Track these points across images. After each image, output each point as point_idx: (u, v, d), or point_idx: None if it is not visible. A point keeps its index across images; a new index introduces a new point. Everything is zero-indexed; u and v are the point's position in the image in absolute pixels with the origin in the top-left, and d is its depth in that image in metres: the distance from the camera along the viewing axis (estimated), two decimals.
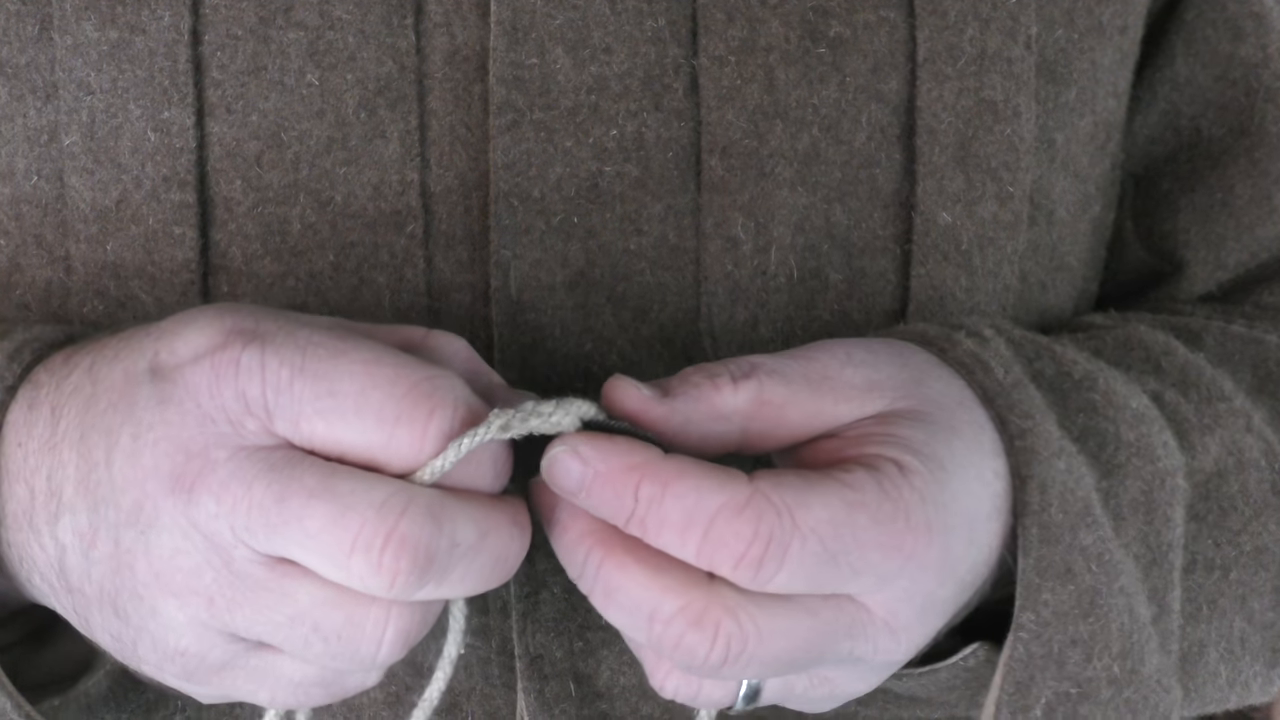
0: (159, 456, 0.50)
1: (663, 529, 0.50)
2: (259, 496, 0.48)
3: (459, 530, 0.49)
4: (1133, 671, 0.56)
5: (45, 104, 0.59)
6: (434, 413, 0.49)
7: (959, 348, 0.57)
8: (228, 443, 0.49)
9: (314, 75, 0.58)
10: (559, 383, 0.60)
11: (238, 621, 0.50)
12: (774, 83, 0.60)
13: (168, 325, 0.52)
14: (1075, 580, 0.54)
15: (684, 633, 0.50)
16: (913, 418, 0.53)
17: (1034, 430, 0.55)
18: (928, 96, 0.62)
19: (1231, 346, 0.68)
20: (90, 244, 0.59)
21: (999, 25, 0.63)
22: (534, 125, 0.59)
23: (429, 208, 0.59)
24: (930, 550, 0.51)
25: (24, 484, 0.53)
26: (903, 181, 0.62)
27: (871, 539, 0.50)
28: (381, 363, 0.49)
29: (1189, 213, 0.75)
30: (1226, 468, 0.63)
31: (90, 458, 0.51)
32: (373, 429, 0.49)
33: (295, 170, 0.59)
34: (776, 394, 0.53)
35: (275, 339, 0.49)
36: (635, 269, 0.60)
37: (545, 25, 0.59)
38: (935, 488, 0.51)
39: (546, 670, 0.62)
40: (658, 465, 0.50)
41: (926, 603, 0.52)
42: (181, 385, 0.50)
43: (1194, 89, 0.74)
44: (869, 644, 0.52)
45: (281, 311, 0.53)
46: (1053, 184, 0.67)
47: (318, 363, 0.49)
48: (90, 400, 0.52)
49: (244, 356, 0.49)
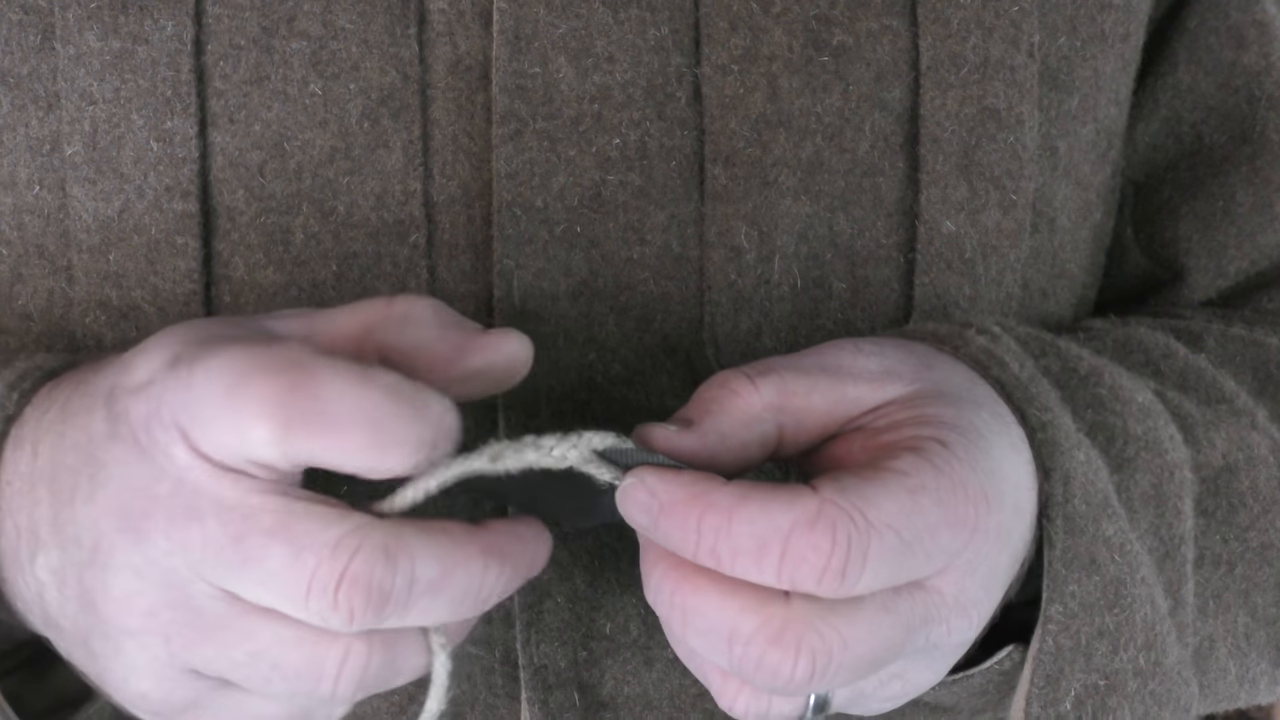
0: (109, 496, 0.49)
1: (737, 557, 0.49)
2: (214, 535, 0.48)
3: (418, 566, 0.48)
4: (1157, 663, 0.56)
5: (47, 114, 0.59)
6: (263, 394, 0.47)
7: (972, 344, 0.57)
8: (167, 475, 0.49)
9: (317, 85, 0.58)
10: (562, 392, 0.60)
11: (197, 660, 0.50)
12: (777, 91, 0.60)
13: (128, 354, 0.52)
14: (1100, 571, 0.54)
15: (765, 651, 0.49)
16: (935, 396, 0.53)
17: (1054, 423, 0.55)
18: (931, 105, 0.62)
19: (1232, 349, 0.68)
20: (92, 254, 0.59)
21: (1002, 33, 0.63)
22: (537, 134, 0.59)
23: (432, 217, 0.59)
24: (990, 517, 0.51)
25: (11, 521, 0.53)
26: (906, 190, 0.62)
27: (940, 519, 0.50)
28: (238, 354, 0.48)
29: (1190, 220, 0.75)
30: (1237, 463, 0.63)
31: (59, 497, 0.51)
32: (229, 427, 0.47)
33: (298, 180, 0.59)
34: (799, 385, 0.53)
35: (184, 360, 0.49)
36: (638, 278, 0.60)
37: (548, 34, 0.59)
38: (981, 457, 0.51)
39: (550, 680, 0.61)
40: (718, 494, 0.49)
41: (990, 573, 0.52)
42: (125, 420, 0.49)
43: (1196, 96, 0.74)
44: (943, 626, 0.52)
45: (228, 322, 0.52)
46: (1055, 191, 0.67)
47: (192, 371, 0.48)
48: (60, 437, 0.52)
49: (152, 379, 0.49)
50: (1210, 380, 0.65)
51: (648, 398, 0.61)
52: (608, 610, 0.61)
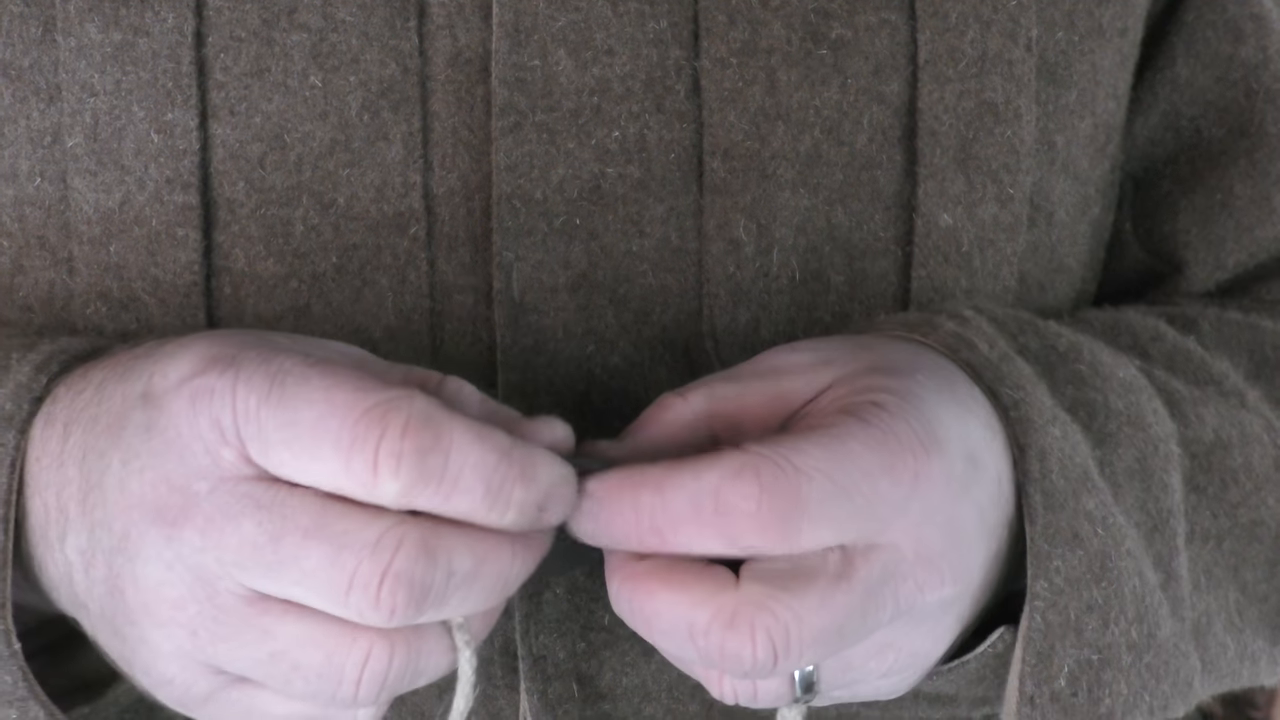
0: (144, 486, 0.50)
1: (678, 527, 0.49)
2: (250, 534, 0.48)
3: (455, 560, 0.49)
4: (1149, 636, 0.56)
5: (49, 106, 0.59)
6: (383, 437, 0.47)
7: (940, 329, 0.57)
8: (209, 474, 0.49)
9: (317, 77, 0.58)
10: (561, 384, 0.60)
11: (220, 655, 0.50)
12: (775, 85, 0.60)
13: (168, 348, 0.52)
14: (1084, 545, 0.54)
15: (723, 639, 0.49)
16: (872, 369, 0.53)
17: (1026, 400, 0.55)
18: (929, 98, 0.62)
19: (1228, 331, 0.68)
20: (93, 245, 0.59)
21: (1000, 27, 0.63)
22: (536, 127, 0.59)
23: (431, 210, 0.60)
24: (930, 463, 0.51)
25: (40, 499, 0.53)
26: (904, 183, 0.62)
27: (874, 465, 0.50)
28: (341, 388, 0.48)
29: (1188, 214, 0.75)
30: (1230, 440, 0.63)
31: (89, 479, 0.51)
32: (330, 457, 0.48)
33: (298, 172, 0.59)
34: (728, 390, 0.54)
35: (249, 366, 0.49)
36: (637, 271, 0.60)
37: (547, 27, 0.59)
38: (914, 411, 0.51)
39: (549, 671, 0.62)
40: (648, 472, 0.50)
41: (949, 523, 0.52)
42: (165, 413, 0.49)
43: (1194, 90, 0.74)
44: (909, 583, 0.51)
45: (273, 338, 0.52)
46: (1053, 186, 0.67)
47: (283, 390, 0.48)
48: (94, 420, 0.52)
49: (218, 384, 0.49)
50: (1199, 362, 0.65)
51: (646, 390, 0.61)
52: (606, 602, 0.61)
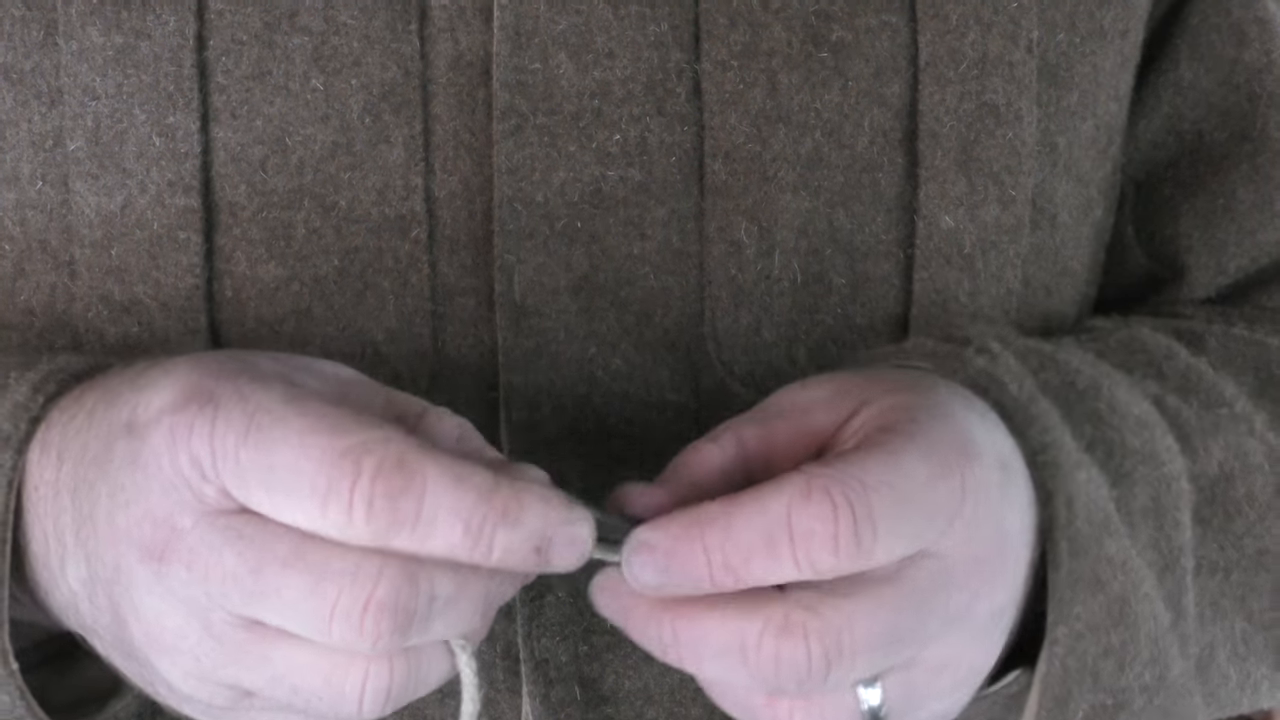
0: (129, 521, 0.49)
1: (750, 559, 0.48)
2: (231, 566, 0.48)
3: (437, 584, 0.48)
4: (1161, 678, 0.56)
5: (50, 109, 0.59)
6: (356, 482, 0.47)
7: (969, 367, 0.57)
8: (191, 509, 0.49)
9: (319, 80, 0.58)
10: (562, 387, 0.60)
11: (228, 677, 0.50)
12: (776, 87, 0.61)
13: (152, 374, 0.51)
14: (1105, 590, 0.54)
15: (776, 648, 0.48)
16: (891, 392, 0.53)
17: (1055, 444, 0.55)
18: (930, 100, 0.62)
19: (1234, 349, 0.68)
20: (95, 249, 0.59)
21: (1000, 29, 0.63)
22: (537, 130, 0.59)
23: (433, 212, 0.60)
24: (973, 469, 0.51)
25: (40, 527, 0.53)
26: (905, 185, 0.62)
27: (926, 474, 0.49)
28: (316, 431, 0.47)
29: (1190, 217, 0.74)
30: (1232, 471, 0.63)
31: (81, 510, 0.51)
32: (307, 501, 0.47)
33: (299, 175, 0.59)
34: (754, 432, 0.53)
35: (227, 404, 0.48)
36: (639, 273, 0.60)
37: (548, 30, 0.59)
38: (947, 422, 0.51)
39: (552, 674, 0.62)
40: (709, 511, 0.49)
41: (996, 529, 0.52)
42: (147, 446, 0.49)
43: (1197, 93, 0.74)
44: (961, 592, 0.51)
45: (259, 364, 0.51)
46: (1055, 188, 0.67)
47: (260, 433, 0.48)
48: (83, 448, 0.52)
49: (196, 420, 0.48)
50: (1211, 384, 0.65)
51: (648, 392, 0.61)
52: None
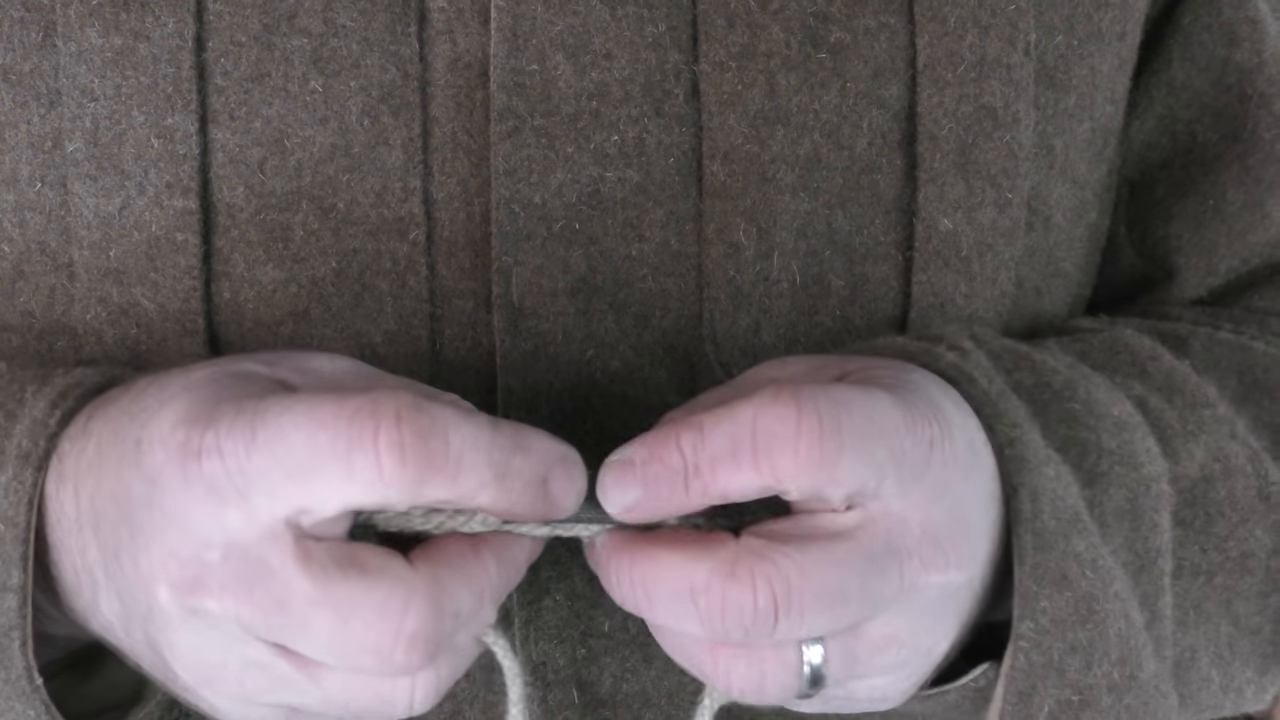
0: (154, 563, 0.50)
1: (717, 465, 0.50)
2: (260, 600, 0.48)
3: (460, 604, 0.50)
4: (1131, 677, 0.56)
5: (49, 111, 0.59)
6: (378, 431, 0.48)
7: (941, 361, 0.57)
8: (215, 541, 0.49)
9: (317, 82, 0.58)
10: (560, 389, 0.60)
11: (273, 700, 0.51)
12: (775, 88, 0.60)
13: (146, 403, 0.52)
14: (1071, 586, 0.54)
15: (724, 592, 0.49)
16: (869, 366, 0.54)
17: (1022, 439, 0.55)
18: (928, 102, 0.62)
19: (1218, 353, 0.68)
20: (93, 250, 0.59)
21: (998, 31, 0.63)
22: (535, 132, 0.59)
23: (431, 214, 0.59)
24: (943, 433, 0.52)
25: (69, 560, 0.53)
26: (904, 187, 0.62)
27: (899, 420, 0.50)
28: (322, 403, 0.48)
29: (1181, 219, 0.75)
30: (1213, 474, 0.63)
31: (105, 547, 0.52)
32: (333, 470, 0.48)
33: (298, 177, 0.59)
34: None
35: (225, 419, 0.49)
36: (637, 275, 0.60)
37: (546, 32, 0.59)
38: (922, 393, 0.53)
39: (549, 678, 0.62)
40: (684, 420, 0.51)
41: (956, 506, 0.52)
42: (160, 486, 0.49)
43: (1190, 94, 0.74)
44: (915, 559, 0.51)
45: (253, 372, 0.52)
46: (1051, 190, 0.67)
47: (266, 428, 0.48)
48: (98, 484, 0.52)
49: (201, 445, 0.49)
50: (1194, 386, 0.65)
51: (646, 394, 0.61)
52: (606, 608, 0.61)
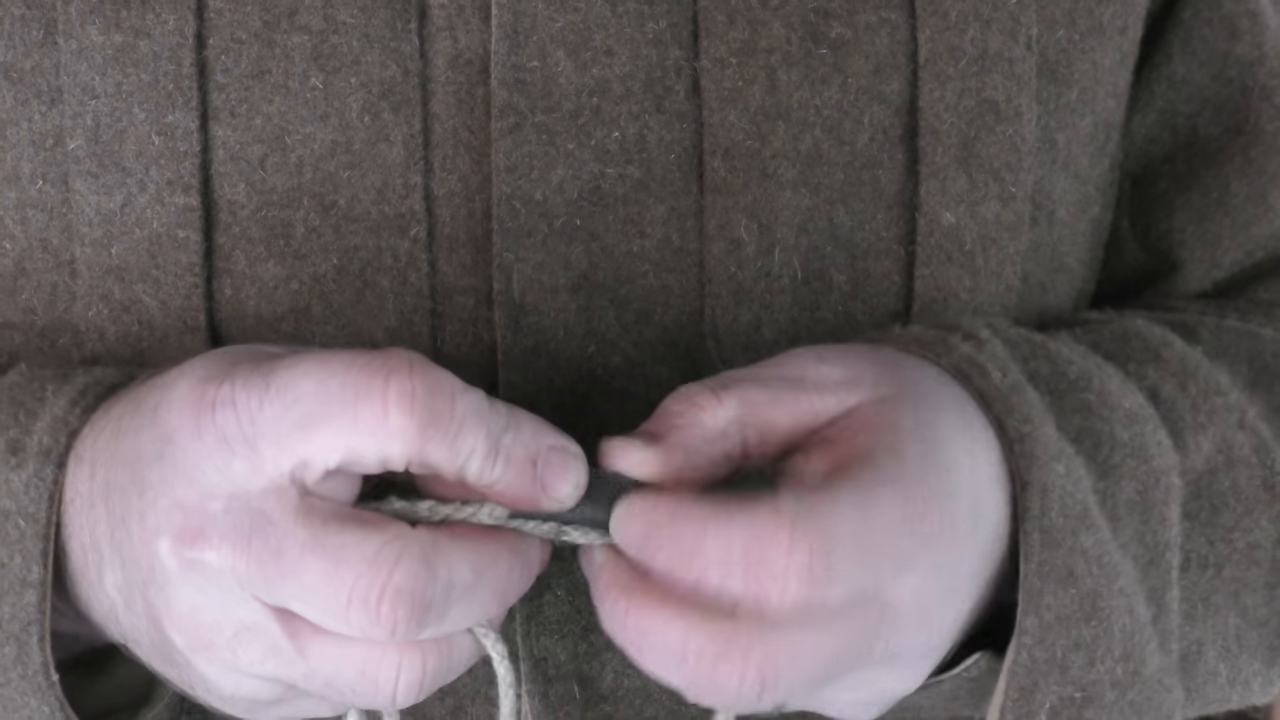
0: (159, 515, 0.50)
1: (708, 570, 0.50)
2: (257, 550, 0.49)
3: (454, 572, 0.50)
4: (1135, 673, 0.56)
5: (50, 108, 0.59)
6: (389, 378, 0.48)
7: (954, 352, 0.57)
8: (220, 492, 0.49)
9: (318, 79, 0.58)
10: (562, 386, 0.60)
11: (263, 672, 0.51)
12: (776, 84, 0.60)
13: (168, 376, 0.52)
14: (1077, 584, 0.54)
15: (714, 669, 0.49)
16: (896, 399, 0.53)
17: (1033, 435, 0.55)
18: (930, 97, 0.62)
19: (1226, 339, 0.68)
20: (95, 247, 0.59)
21: (1000, 26, 0.63)
22: (536, 128, 0.59)
23: (432, 211, 0.59)
24: (944, 521, 0.51)
25: (78, 540, 0.54)
26: (905, 182, 0.62)
27: (897, 522, 0.50)
28: (334, 356, 0.49)
29: (1185, 212, 0.75)
30: (1217, 465, 0.63)
31: (114, 514, 0.52)
32: (339, 416, 0.48)
33: (299, 174, 0.59)
34: (760, 397, 0.53)
35: (242, 374, 0.50)
36: (638, 271, 0.60)
37: (546, 28, 0.59)
38: (935, 462, 0.52)
39: (551, 673, 0.62)
40: (689, 511, 0.51)
41: (949, 580, 0.52)
42: (171, 441, 0.50)
43: (1191, 88, 0.74)
44: (901, 636, 0.52)
45: (266, 349, 0.53)
46: (1054, 184, 0.67)
47: (279, 380, 0.49)
48: (113, 455, 0.52)
49: (217, 397, 0.49)
50: (1207, 373, 0.65)
51: (648, 391, 0.61)
52: None
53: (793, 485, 0.51)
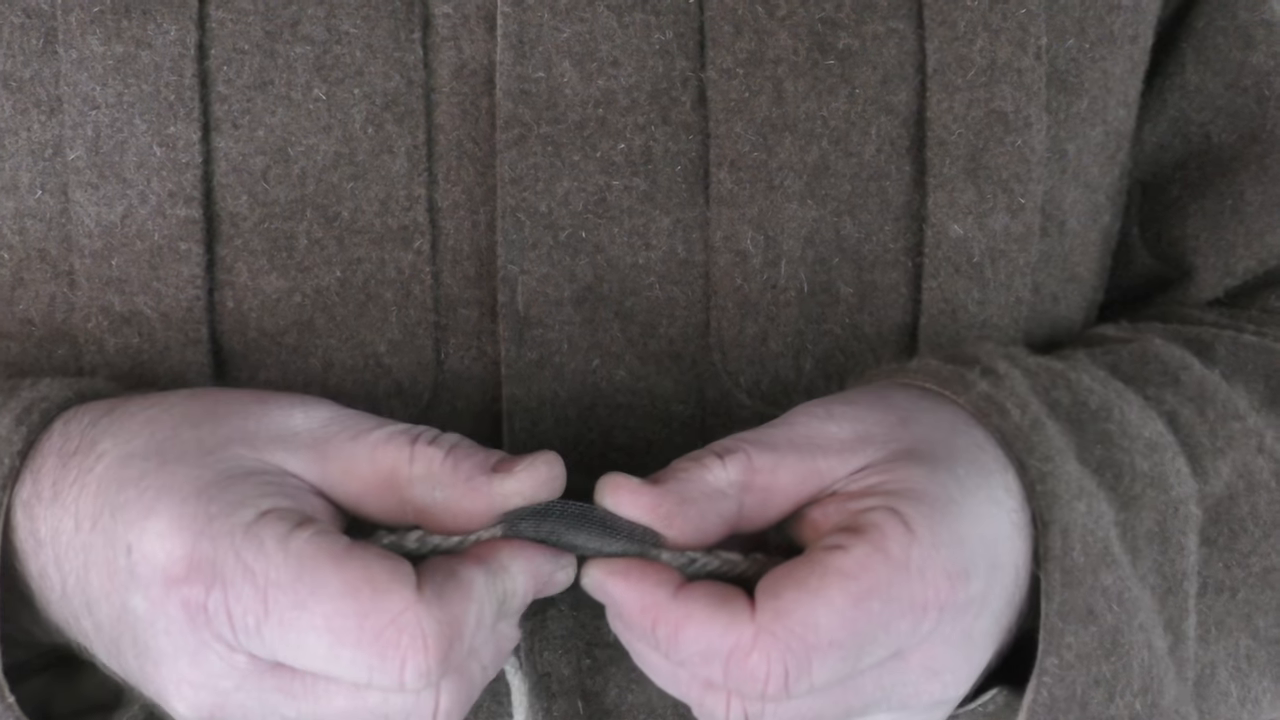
0: (165, 681, 0.51)
1: (685, 664, 0.51)
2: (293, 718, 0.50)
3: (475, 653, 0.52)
4: (1153, 705, 0.56)
5: (50, 118, 0.59)
6: (405, 661, 0.48)
7: (972, 390, 0.56)
8: (229, 675, 0.50)
9: (321, 90, 0.58)
10: (565, 398, 0.60)
11: None
12: (782, 95, 0.60)
13: (134, 508, 0.50)
14: (1097, 621, 0.54)
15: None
16: (909, 457, 0.53)
17: (1054, 474, 0.54)
18: (938, 108, 0.62)
19: (1244, 356, 0.68)
20: (94, 259, 0.59)
21: (1009, 36, 0.63)
22: (541, 139, 0.59)
23: (436, 223, 0.59)
24: (955, 594, 0.51)
25: (56, 612, 0.54)
26: (913, 193, 0.62)
27: (893, 614, 0.50)
28: (344, 613, 0.48)
29: (1198, 218, 0.74)
30: (1237, 490, 0.62)
31: (103, 632, 0.52)
32: (349, 674, 0.49)
33: (302, 185, 0.58)
34: (765, 461, 0.53)
35: (235, 583, 0.49)
36: (643, 284, 0.60)
37: (552, 39, 0.58)
38: (946, 527, 0.51)
39: (554, 688, 0.61)
40: (667, 607, 0.51)
41: (963, 641, 0.52)
42: (163, 615, 0.49)
43: (1204, 97, 0.74)
44: (908, 689, 0.52)
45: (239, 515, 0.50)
46: (1064, 195, 0.67)
47: (280, 612, 0.48)
48: (86, 571, 0.52)
49: (209, 603, 0.49)
50: (1225, 397, 0.64)
51: (653, 404, 0.60)
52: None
53: (777, 585, 0.51)
